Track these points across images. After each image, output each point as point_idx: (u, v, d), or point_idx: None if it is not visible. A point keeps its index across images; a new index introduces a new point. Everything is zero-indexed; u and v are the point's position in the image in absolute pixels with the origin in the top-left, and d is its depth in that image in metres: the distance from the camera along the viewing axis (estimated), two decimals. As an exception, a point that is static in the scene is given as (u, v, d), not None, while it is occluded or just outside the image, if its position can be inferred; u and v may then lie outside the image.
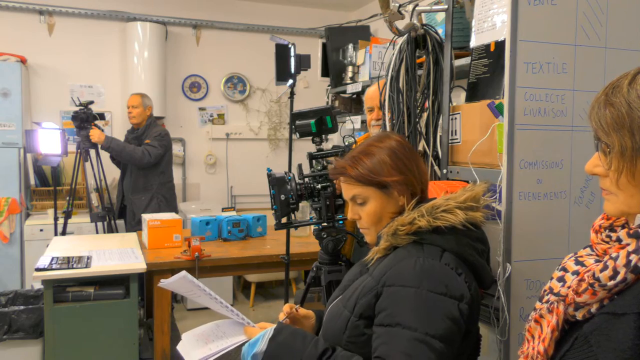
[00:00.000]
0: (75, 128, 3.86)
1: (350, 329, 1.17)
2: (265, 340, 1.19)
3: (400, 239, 1.19)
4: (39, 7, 4.55)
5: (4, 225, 4.20)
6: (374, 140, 1.30)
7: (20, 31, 4.53)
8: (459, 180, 1.69)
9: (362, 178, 1.24)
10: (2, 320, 2.74)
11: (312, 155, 1.96)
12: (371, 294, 1.15)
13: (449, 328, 1.08)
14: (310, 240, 3.33)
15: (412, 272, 1.12)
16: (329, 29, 4.24)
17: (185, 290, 1.35)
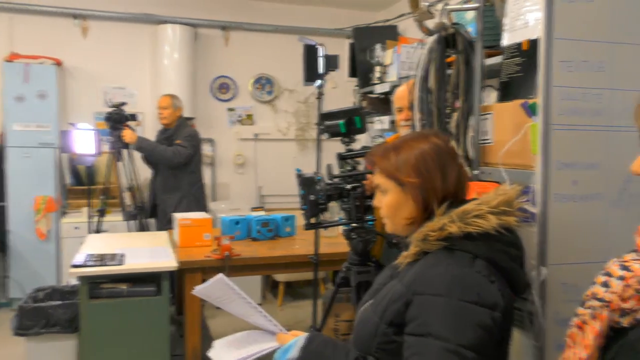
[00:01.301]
0: (108, 129, 3.96)
1: (380, 336, 1.16)
2: (298, 348, 1.20)
3: (430, 244, 1.17)
4: (73, 11, 4.68)
5: (42, 223, 4.34)
6: (411, 137, 1.28)
7: (55, 35, 4.66)
8: (491, 181, 1.67)
9: (385, 170, 1.25)
10: (39, 315, 2.83)
11: (341, 155, 1.96)
12: (401, 302, 1.14)
13: (482, 338, 1.06)
14: (338, 241, 3.33)
15: (442, 280, 1.10)
16: (357, 29, 4.23)
17: (219, 296, 1.35)
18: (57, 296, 3.18)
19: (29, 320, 2.82)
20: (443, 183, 1.21)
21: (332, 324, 3.31)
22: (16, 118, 4.29)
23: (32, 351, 2.86)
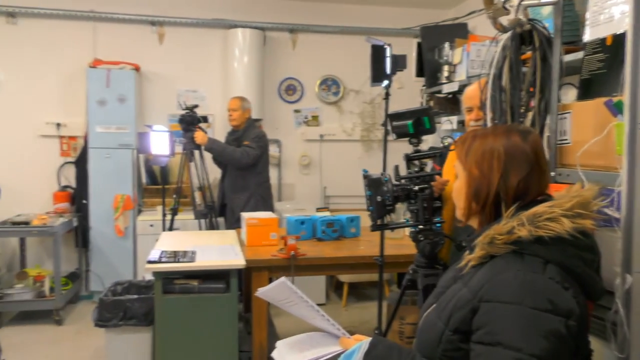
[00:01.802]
0: (181, 130, 4.12)
1: (445, 343, 1.13)
2: (361, 354, 1.19)
3: (497, 248, 1.12)
4: (151, 18, 4.92)
5: (120, 220, 4.59)
6: (493, 130, 1.25)
7: (134, 41, 4.92)
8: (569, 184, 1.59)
9: (458, 154, 1.24)
10: (118, 308, 2.99)
11: (408, 156, 1.94)
12: (467, 308, 1.10)
13: (555, 348, 1.01)
14: (404, 242, 3.29)
15: (512, 286, 1.06)
16: (424, 28, 4.16)
17: (282, 298, 1.36)
18: (134, 290, 3.35)
19: (108, 313, 2.99)
20: (502, 183, 1.16)
21: (397, 326, 3.28)
22: (98, 121, 4.56)
23: (111, 342, 3.03)
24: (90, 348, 3.73)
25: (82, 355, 3.63)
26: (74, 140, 4.86)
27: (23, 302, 4.18)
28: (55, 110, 4.82)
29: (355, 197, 5.20)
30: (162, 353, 2.73)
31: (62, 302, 4.25)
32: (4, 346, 3.12)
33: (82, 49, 4.78)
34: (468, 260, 1.18)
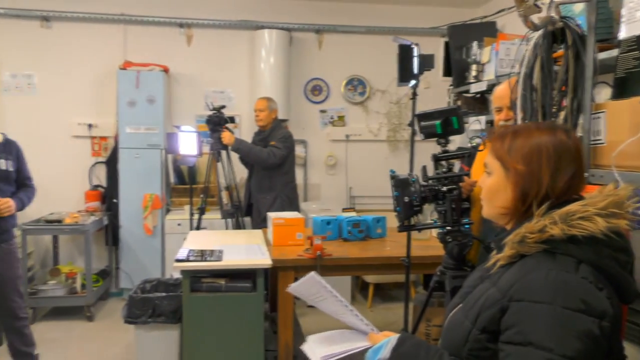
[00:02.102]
0: (208, 131, 4.16)
1: (471, 342, 1.11)
2: (389, 349, 1.19)
3: (528, 247, 1.10)
4: (179, 20, 4.99)
5: (149, 219, 4.67)
6: (536, 125, 1.22)
7: (163, 43, 5.00)
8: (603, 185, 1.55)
9: (495, 151, 1.20)
10: (147, 305, 3.04)
11: (436, 156, 1.92)
12: (496, 308, 1.08)
13: (588, 349, 0.99)
14: (431, 244, 3.26)
15: (543, 286, 1.04)
16: (452, 27, 4.12)
17: (311, 294, 1.37)
18: (162, 288, 3.40)
19: (137, 310, 3.04)
20: (551, 181, 1.13)
21: (424, 328, 3.25)
22: (128, 121, 4.65)
23: (141, 338, 3.08)
24: (120, 344, 3.80)
25: (113, 351, 3.71)
26: (104, 141, 4.97)
27: (56, 298, 4.29)
28: (87, 111, 4.94)
29: (381, 198, 5.18)
30: (189, 350, 2.77)
31: (93, 299, 4.35)
32: (38, 341, 3.21)
33: (113, 52, 4.89)
34: (496, 259, 1.16)
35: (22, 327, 3.06)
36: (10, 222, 3.01)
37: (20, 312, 3.05)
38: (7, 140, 3.02)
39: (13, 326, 3.03)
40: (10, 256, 3.01)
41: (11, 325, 3.03)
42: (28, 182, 3.12)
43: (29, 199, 3.09)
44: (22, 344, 3.06)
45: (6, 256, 2.97)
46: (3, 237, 2.96)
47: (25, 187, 3.10)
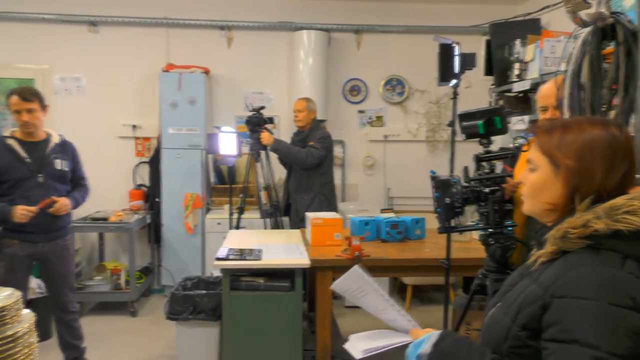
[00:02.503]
0: (248, 131, 4.21)
1: (511, 339, 1.09)
2: (430, 344, 1.18)
3: (570, 242, 1.06)
4: (220, 23, 5.08)
5: (190, 218, 4.77)
6: (588, 120, 1.17)
7: (204, 45, 5.10)
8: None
9: (543, 145, 1.15)
10: (188, 302, 3.11)
11: (479, 157, 1.89)
12: (537, 304, 1.05)
13: (637, 346, 0.95)
14: (471, 246, 3.20)
15: (588, 281, 1.00)
16: (494, 24, 4.04)
17: (354, 289, 1.36)
18: (203, 286, 3.47)
19: (179, 306, 3.11)
20: (604, 178, 1.09)
21: (463, 332, 3.19)
22: (170, 122, 4.76)
23: (182, 334, 3.15)
24: (162, 339, 3.90)
25: (155, 346, 3.80)
26: (148, 141, 5.11)
27: (101, 293, 4.44)
28: (132, 112, 5.09)
29: (420, 199, 5.13)
30: (229, 347, 2.81)
31: (136, 295, 4.48)
32: (84, 334, 3.32)
33: (156, 54, 5.02)
34: (537, 256, 1.13)
35: (72, 321, 3.17)
36: (66, 220, 3.13)
37: (71, 306, 3.16)
38: (63, 142, 3.13)
39: (64, 319, 3.14)
40: (65, 252, 3.13)
41: (62, 319, 3.15)
42: (82, 182, 3.24)
43: (83, 198, 3.20)
44: (71, 337, 3.17)
45: (61, 252, 3.09)
46: (59, 234, 3.07)
47: (80, 186, 3.21)
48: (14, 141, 2.97)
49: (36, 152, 2.99)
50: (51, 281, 3.13)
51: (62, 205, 2.96)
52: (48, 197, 2.93)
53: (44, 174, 2.97)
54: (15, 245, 2.94)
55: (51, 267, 3.08)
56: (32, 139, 3.01)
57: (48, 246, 3.02)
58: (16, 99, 2.91)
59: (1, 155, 2.92)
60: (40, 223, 2.91)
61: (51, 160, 3.01)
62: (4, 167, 2.91)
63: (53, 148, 3.04)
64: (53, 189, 2.99)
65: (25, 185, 2.93)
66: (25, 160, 2.94)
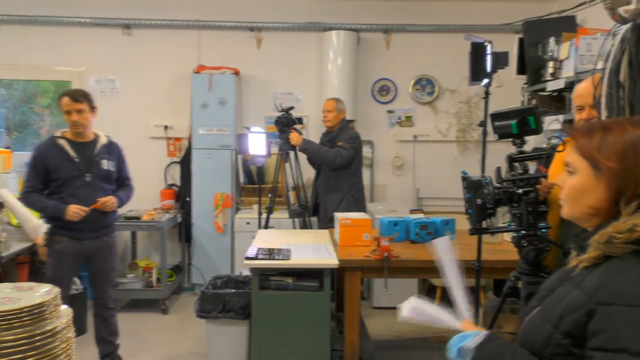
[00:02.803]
0: (277, 132, 4.24)
1: (553, 346, 1.06)
2: (475, 342, 1.16)
3: (615, 247, 1.03)
4: (250, 24, 5.12)
5: (219, 218, 4.83)
6: (628, 120, 1.14)
7: (234, 47, 5.15)
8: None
9: (582, 148, 1.12)
10: (218, 300, 3.14)
11: (512, 157, 1.85)
12: (581, 311, 1.02)
13: None
14: (502, 248, 3.15)
15: (636, 288, 0.97)
16: (527, 22, 3.96)
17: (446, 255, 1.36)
18: (232, 285, 3.50)
19: (209, 305, 3.15)
20: None
21: (494, 335, 3.14)
22: (201, 123, 4.83)
23: (211, 332, 3.19)
24: (192, 337, 3.96)
25: (185, 343, 3.86)
26: (179, 142, 5.19)
27: (133, 290, 4.53)
28: (163, 113, 5.18)
29: (450, 200, 5.06)
30: (258, 346, 2.83)
31: (167, 293, 4.55)
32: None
33: (188, 56, 5.10)
34: (579, 261, 1.10)
35: (109, 317, 3.27)
36: (112, 218, 3.24)
37: (110, 303, 3.27)
38: (110, 142, 3.24)
39: (102, 315, 3.25)
40: (111, 249, 3.25)
41: (100, 314, 3.25)
42: (127, 182, 3.35)
43: (127, 198, 3.31)
44: (107, 332, 3.27)
45: (107, 249, 3.21)
46: (106, 231, 3.19)
47: (125, 186, 3.32)
48: (64, 141, 3.08)
49: (85, 152, 3.10)
50: (95, 277, 3.24)
51: (110, 203, 3.08)
52: (95, 196, 3.04)
53: (92, 173, 3.08)
54: (64, 242, 3.05)
55: (96, 264, 3.18)
56: (81, 139, 3.12)
57: (95, 243, 3.12)
58: (67, 99, 3.03)
59: (52, 155, 3.04)
60: (88, 221, 3.03)
61: (98, 161, 3.12)
62: (54, 166, 3.02)
63: (100, 149, 3.15)
64: (99, 188, 3.09)
65: (73, 184, 3.03)
66: (75, 160, 3.05)
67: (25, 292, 1.18)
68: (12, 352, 1.02)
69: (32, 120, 5.56)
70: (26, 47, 5.06)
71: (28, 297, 1.14)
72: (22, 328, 1.05)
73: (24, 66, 5.11)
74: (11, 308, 1.05)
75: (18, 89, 5.54)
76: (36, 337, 1.05)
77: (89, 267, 3.25)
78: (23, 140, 5.53)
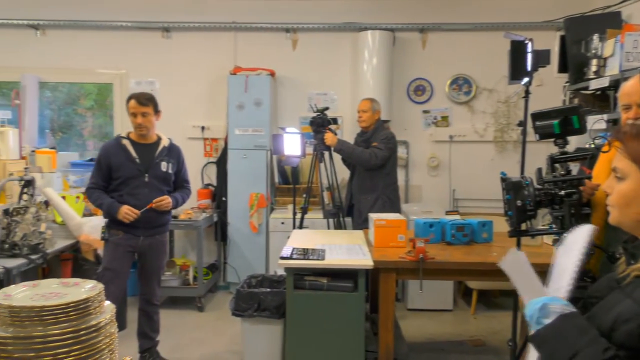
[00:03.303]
0: (312, 132, 4.25)
1: None
2: (563, 310, 1.06)
3: None
4: (285, 25, 5.16)
5: (254, 217, 4.88)
6: None
7: (270, 48, 5.20)
8: None
9: (632, 152, 1.08)
10: (253, 299, 3.17)
11: (553, 158, 1.80)
12: (635, 322, 0.98)
13: None
14: (542, 251, 3.07)
15: None
16: (570, 19, 3.85)
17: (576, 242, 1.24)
18: (267, 284, 3.53)
19: (244, 303, 3.18)
20: None
21: (533, 340, 3.06)
22: (237, 124, 4.89)
23: (247, 330, 3.22)
24: (227, 334, 4.01)
25: (221, 341, 3.92)
26: (215, 142, 5.28)
27: (171, 288, 4.62)
28: (201, 114, 5.27)
29: (486, 201, 4.98)
30: (292, 345, 2.84)
31: (203, 291, 4.63)
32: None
33: (224, 58, 5.17)
34: (632, 270, 1.06)
35: (153, 313, 3.38)
36: (167, 217, 3.36)
37: (155, 299, 3.37)
38: (172, 145, 3.35)
39: (146, 310, 3.35)
40: (162, 247, 3.37)
41: (145, 310, 3.35)
42: (185, 185, 3.44)
43: (183, 200, 3.39)
44: (149, 328, 3.37)
45: (159, 247, 3.33)
46: (159, 230, 3.31)
47: (183, 188, 3.41)
48: (127, 142, 3.20)
49: (146, 153, 3.21)
50: (145, 274, 3.33)
51: (165, 203, 3.17)
52: (152, 196, 3.15)
53: (150, 174, 3.19)
54: (120, 235, 3.18)
55: (147, 261, 3.29)
56: (144, 140, 3.24)
57: (148, 240, 3.24)
58: (134, 102, 3.15)
59: (116, 154, 3.17)
60: (143, 219, 3.14)
61: (158, 162, 3.22)
62: (117, 164, 3.15)
63: (161, 151, 3.25)
64: (157, 189, 3.20)
65: (133, 183, 3.15)
66: (136, 160, 3.17)
67: (71, 288, 1.21)
68: (59, 345, 1.05)
69: (76, 122, 5.75)
70: (70, 50, 5.24)
71: (74, 292, 1.18)
72: (68, 322, 1.08)
73: (68, 69, 5.29)
74: (58, 303, 1.08)
75: (63, 92, 5.74)
76: (81, 332, 1.08)
77: (139, 263, 3.34)
78: (67, 141, 5.73)
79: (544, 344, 1.06)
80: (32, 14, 5.18)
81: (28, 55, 5.25)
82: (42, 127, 5.45)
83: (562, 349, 1.02)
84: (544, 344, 1.06)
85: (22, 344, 1.04)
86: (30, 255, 3.19)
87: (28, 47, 5.25)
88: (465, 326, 4.25)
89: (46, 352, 1.04)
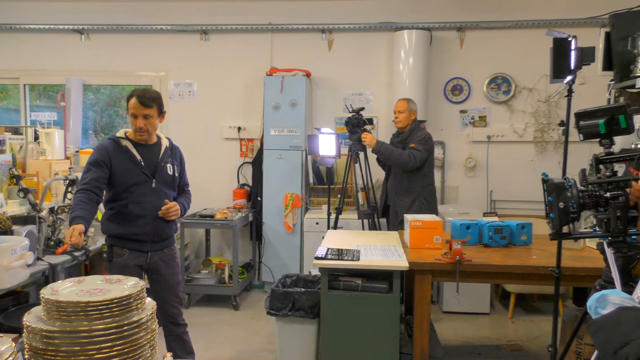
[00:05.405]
0: (347, 132, 4.24)
1: None
2: (621, 302, 1.14)
3: None
4: (321, 26, 5.17)
5: (289, 217, 4.90)
6: None
7: (306, 49, 5.22)
8: None
9: None
10: (288, 299, 3.19)
11: (598, 159, 1.74)
12: None
13: None
14: (584, 254, 2.98)
15: None
16: (615, 15, 3.71)
17: None
18: (301, 283, 3.54)
19: (279, 303, 3.21)
20: None
21: (574, 346, 2.98)
22: (273, 124, 4.93)
23: (281, 329, 3.24)
24: (262, 333, 4.05)
25: (256, 339, 3.96)
26: (251, 142, 5.34)
27: (207, 286, 4.69)
28: (237, 115, 5.34)
29: (525, 203, 4.87)
30: (326, 345, 2.84)
31: (238, 289, 4.68)
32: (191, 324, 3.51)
33: (261, 59, 5.23)
34: None
35: (182, 334, 2.95)
36: (173, 228, 2.95)
37: (180, 319, 2.95)
38: (172, 145, 2.96)
39: (174, 332, 2.93)
40: (174, 262, 2.94)
41: (172, 332, 2.93)
42: (186, 188, 3.05)
43: (189, 205, 3.02)
44: (183, 350, 2.95)
45: (170, 261, 2.91)
46: (167, 243, 2.90)
47: (184, 192, 3.03)
48: (128, 143, 2.77)
49: (149, 155, 2.80)
50: (160, 292, 2.88)
51: (174, 210, 2.79)
52: (160, 203, 2.78)
53: (157, 179, 2.78)
54: (125, 254, 2.77)
55: (160, 278, 2.88)
56: (145, 141, 2.82)
57: (157, 255, 2.84)
58: (135, 102, 2.69)
59: (117, 158, 2.72)
60: (151, 231, 2.77)
61: (164, 166, 2.83)
62: (120, 170, 2.71)
63: (164, 152, 2.86)
64: (164, 195, 2.81)
65: (138, 190, 2.73)
66: (141, 164, 2.75)
67: (115, 284, 1.25)
68: (103, 340, 1.09)
69: (117, 123, 5.91)
70: (112, 54, 5.40)
71: (117, 289, 1.21)
72: (111, 318, 1.11)
73: (110, 72, 5.45)
74: (102, 299, 1.12)
75: (105, 94, 5.92)
76: (124, 327, 1.12)
77: (152, 283, 2.90)
78: (109, 141, 5.88)
79: (598, 331, 1.10)
80: (77, 19, 5.36)
81: (73, 59, 5.44)
82: (85, 128, 5.64)
83: (615, 337, 1.05)
84: (598, 332, 1.10)
85: (68, 337, 1.08)
86: (74, 252, 3.29)
87: (73, 51, 5.44)
88: (502, 330, 4.17)
89: (91, 347, 1.08)
